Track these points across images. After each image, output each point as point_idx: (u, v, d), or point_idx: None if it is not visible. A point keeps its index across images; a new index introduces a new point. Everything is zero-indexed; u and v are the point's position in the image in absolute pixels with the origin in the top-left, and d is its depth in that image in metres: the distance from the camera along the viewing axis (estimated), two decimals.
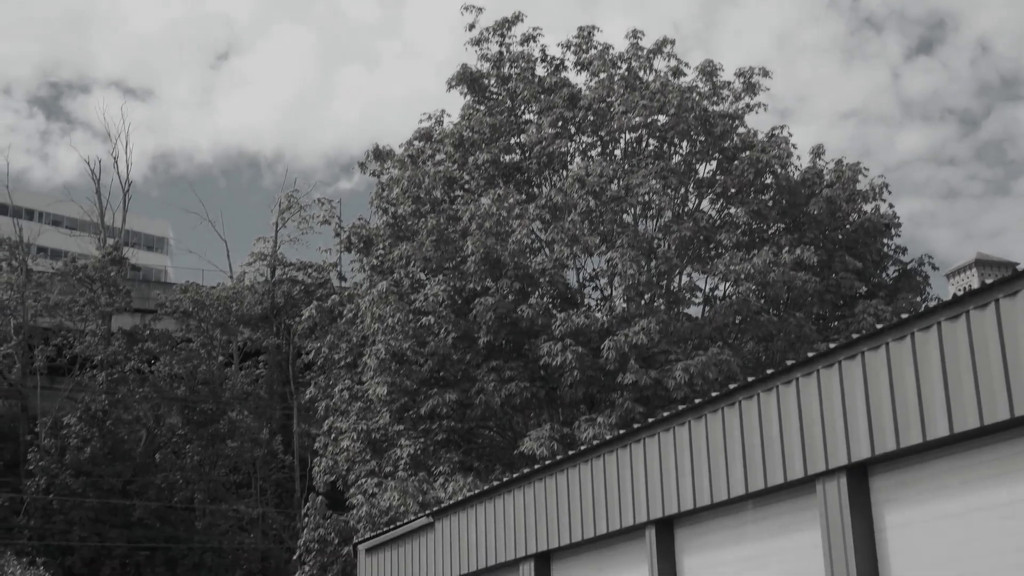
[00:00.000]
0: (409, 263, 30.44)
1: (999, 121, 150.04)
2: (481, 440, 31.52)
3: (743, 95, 32.20)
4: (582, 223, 28.39)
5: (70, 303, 48.76)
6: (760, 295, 28.39)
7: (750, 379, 12.78)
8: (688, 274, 30.59)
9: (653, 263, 29.11)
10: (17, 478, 45.66)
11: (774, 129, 32.51)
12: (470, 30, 33.62)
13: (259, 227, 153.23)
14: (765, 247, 28.21)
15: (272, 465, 50.77)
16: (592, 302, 31.00)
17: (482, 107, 33.14)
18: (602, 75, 32.14)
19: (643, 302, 28.74)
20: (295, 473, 49.81)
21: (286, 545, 45.40)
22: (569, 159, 31.87)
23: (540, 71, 33.38)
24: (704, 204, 31.85)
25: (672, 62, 32.53)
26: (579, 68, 33.23)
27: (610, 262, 28.25)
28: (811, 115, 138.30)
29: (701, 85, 32.01)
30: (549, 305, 28.48)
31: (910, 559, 10.86)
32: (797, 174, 31.76)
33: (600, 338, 27.15)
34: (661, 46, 32.75)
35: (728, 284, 29.22)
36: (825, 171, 32.11)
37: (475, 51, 33.70)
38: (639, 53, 32.63)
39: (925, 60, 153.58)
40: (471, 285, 29.07)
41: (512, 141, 32.45)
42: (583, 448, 15.91)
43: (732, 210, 31.02)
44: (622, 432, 15.09)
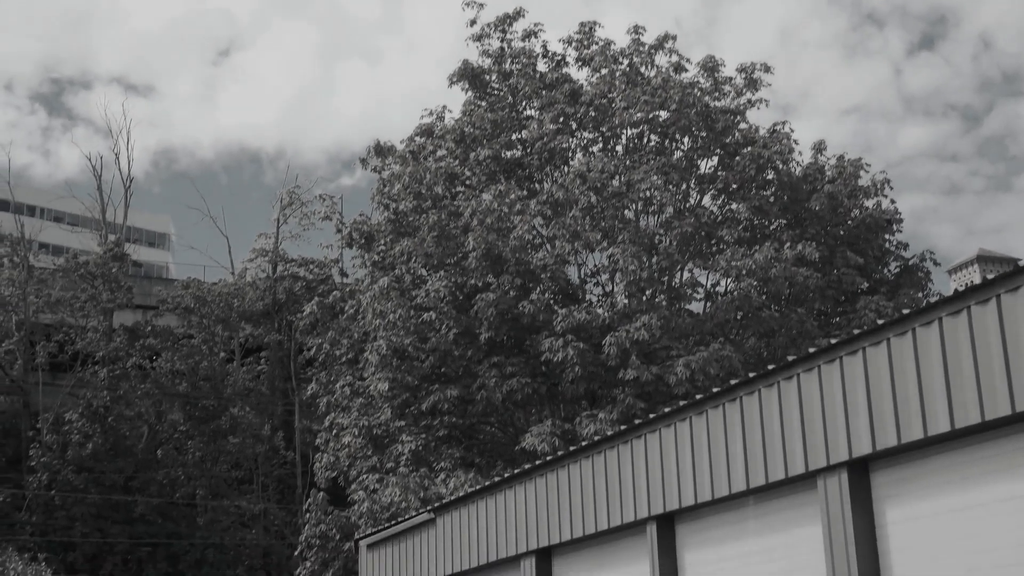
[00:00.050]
0: (410, 259, 30.43)
1: (1001, 117, 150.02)
2: (482, 436, 31.53)
3: (745, 91, 32.18)
4: (583, 219, 28.37)
5: (72, 299, 48.78)
6: (761, 291, 28.38)
7: (751, 375, 12.78)
8: (689, 270, 30.59)
9: (654, 259, 29.08)
10: (19, 474, 45.70)
11: (776, 125, 32.49)
12: (471, 26, 33.60)
13: (260, 223, 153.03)
14: (767, 243, 28.19)
15: (274, 461, 50.81)
16: (593, 298, 31.00)
17: (483, 103, 33.10)
18: (603, 71, 32.11)
19: (644, 298, 28.71)
20: (296, 469, 49.85)
21: (287, 541, 45.47)
22: (570, 155, 31.84)
23: (541, 67, 33.35)
24: (706, 200, 31.86)
25: (673, 58, 32.51)
26: (580, 64, 33.20)
27: (611, 258, 28.23)
28: (813, 111, 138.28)
29: (703, 81, 31.97)
30: (550, 301, 28.49)
31: (911, 554, 10.85)
32: (799, 170, 31.74)
33: (601, 334, 27.14)
34: (663, 42, 32.71)
35: (729, 280, 29.22)
36: (827, 167, 32.09)
37: (476, 47, 33.67)
38: (640, 49, 32.59)
39: (927, 56, 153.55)
40: (472, 281, 29.05)
41: (513, 137, 32.43)
42: (584, 444, 15.91)
43: (733, 206, 30.99)
44: (623, 428, 15.09)
